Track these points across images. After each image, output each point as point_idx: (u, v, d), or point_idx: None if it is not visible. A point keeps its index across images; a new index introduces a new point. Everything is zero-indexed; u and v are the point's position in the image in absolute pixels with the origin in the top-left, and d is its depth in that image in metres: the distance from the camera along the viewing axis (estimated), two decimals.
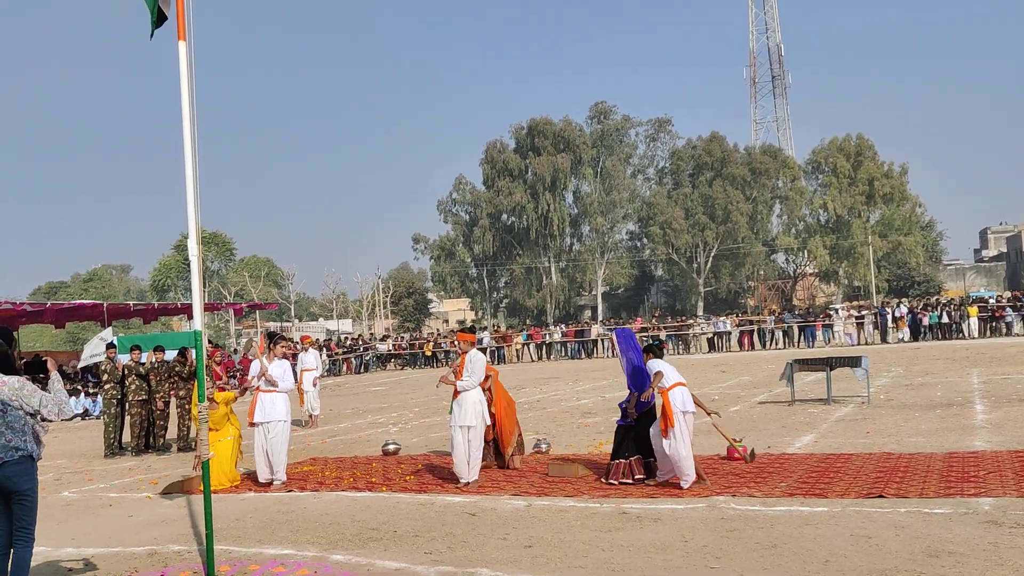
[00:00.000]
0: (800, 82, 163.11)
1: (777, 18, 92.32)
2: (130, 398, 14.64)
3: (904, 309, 36.21)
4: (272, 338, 10.61)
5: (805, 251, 70.09)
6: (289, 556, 6.69)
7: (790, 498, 7.63)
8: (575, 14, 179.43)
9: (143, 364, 14.91)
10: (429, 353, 41.05)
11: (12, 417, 5.31)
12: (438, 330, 58.11)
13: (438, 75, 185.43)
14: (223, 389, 11.18)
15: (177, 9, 6.59)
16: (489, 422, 9.60)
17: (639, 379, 8.93)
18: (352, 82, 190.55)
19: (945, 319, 35.03)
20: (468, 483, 9.15)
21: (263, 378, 10.02)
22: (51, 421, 5.52)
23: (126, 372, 14.82)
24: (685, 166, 71.19)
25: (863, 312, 38.15)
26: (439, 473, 10.11)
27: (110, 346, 15.77)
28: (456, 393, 9.38)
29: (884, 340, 35.17)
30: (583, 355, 39.24)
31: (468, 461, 9.20)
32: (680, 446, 8.32)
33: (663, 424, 8.46)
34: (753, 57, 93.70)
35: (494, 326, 53.81)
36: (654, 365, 8.70)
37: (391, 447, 12.08)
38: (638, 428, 8.86)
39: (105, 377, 14.97)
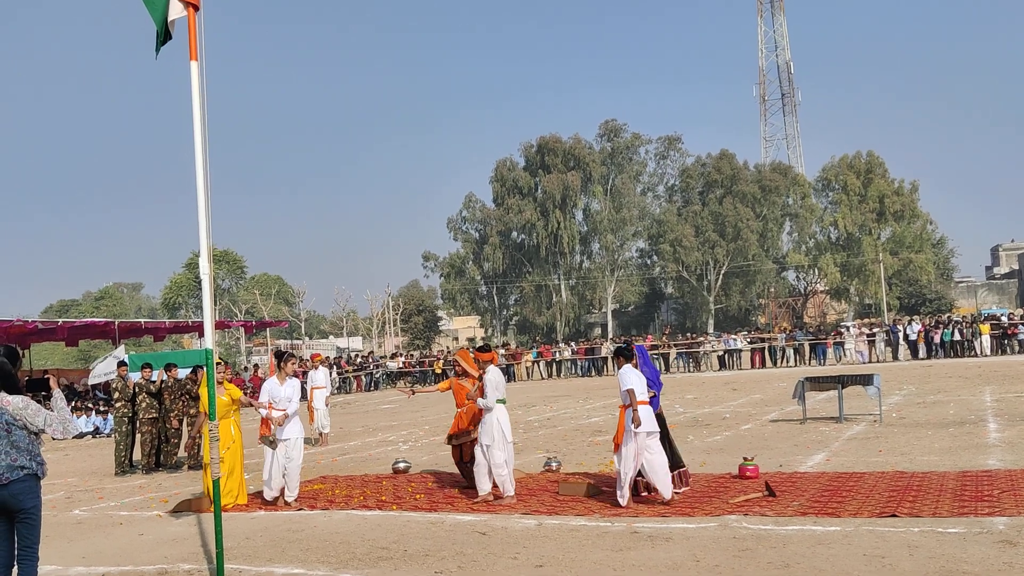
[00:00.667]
0: (810, 99, 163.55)
1: (786, 35, 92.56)
2: (141, 416, 14.68)
3: (916, 327, 36.05)
4: (281, 356, 10.47)
5: (816, 268, 70.03)
6: (299, 575, 6.67)
7: (802, 517, 7.58)
8: (584, 33, 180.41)
9: (154, 382, 14.97)
10: (439, 371, 41.02)
11: (17, 436, 5.37)
12: (448, 347, 58.12)
13: (448, 93, 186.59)
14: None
15: (189, 29, 6.65)
16: (511, 439, 9.51)
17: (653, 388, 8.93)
18: (362, 100, 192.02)
19: (957, 336, 34.87)
20: (504, 498, 9.12)
21: (278, 425, 9.90)
22: (58, 439, 5.57)
23: (137, 390, 14.86)
24: (695, 183, 71.31)
25: (875, 330, 37.98)
26: (450, 491, 10.09)
27: (121, 364, 15.83)
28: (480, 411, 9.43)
29: (896, 358, 35.00)
30: (593, 373, 39.13)
31: (488, 477, 9.19)
32: (627, 463, 8.34)
33: (615, 438, 8.48)
34: (762, 74, 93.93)
35: (504, 343, 53.70)
36: (627, 375, 8.56)
37: (401, 465, 12.06)
38: (661, 438, 8.78)
39: (116, 395, 15.02)
